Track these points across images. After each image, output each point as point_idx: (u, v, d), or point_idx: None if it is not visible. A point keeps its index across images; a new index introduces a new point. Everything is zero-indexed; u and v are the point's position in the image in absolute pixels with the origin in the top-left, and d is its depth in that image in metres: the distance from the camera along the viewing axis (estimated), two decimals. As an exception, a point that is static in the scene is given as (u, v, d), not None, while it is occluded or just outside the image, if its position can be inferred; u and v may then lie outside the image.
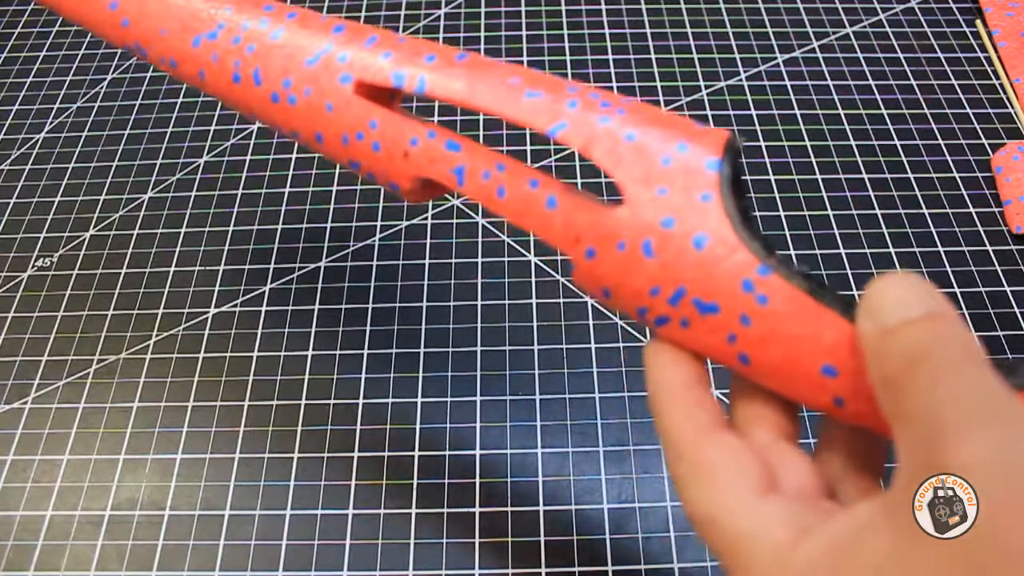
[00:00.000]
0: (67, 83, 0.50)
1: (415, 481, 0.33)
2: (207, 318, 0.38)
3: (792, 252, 0.39)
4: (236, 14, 0.22)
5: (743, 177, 0.17)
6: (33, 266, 0.41)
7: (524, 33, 0.51)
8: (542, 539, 0.31)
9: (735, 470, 0.15)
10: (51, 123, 0.48)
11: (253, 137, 0.46)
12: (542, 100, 0.18)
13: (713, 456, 0.16)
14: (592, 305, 0.38)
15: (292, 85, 0.21)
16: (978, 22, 0.50)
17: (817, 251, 0.39)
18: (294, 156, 0.45)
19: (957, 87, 0.46)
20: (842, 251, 0.39)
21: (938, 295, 0.14)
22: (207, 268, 0.40)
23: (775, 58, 0.48)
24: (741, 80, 0.47)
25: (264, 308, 0.39)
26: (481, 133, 0.45)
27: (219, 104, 0.47)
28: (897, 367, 0.14)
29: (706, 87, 0.47)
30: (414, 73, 0.19)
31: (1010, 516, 0.11)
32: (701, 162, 0.16)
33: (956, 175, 0.42)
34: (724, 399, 0.34)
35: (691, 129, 0.17)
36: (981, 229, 0.40)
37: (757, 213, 0.41)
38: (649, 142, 0.17)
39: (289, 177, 0.44)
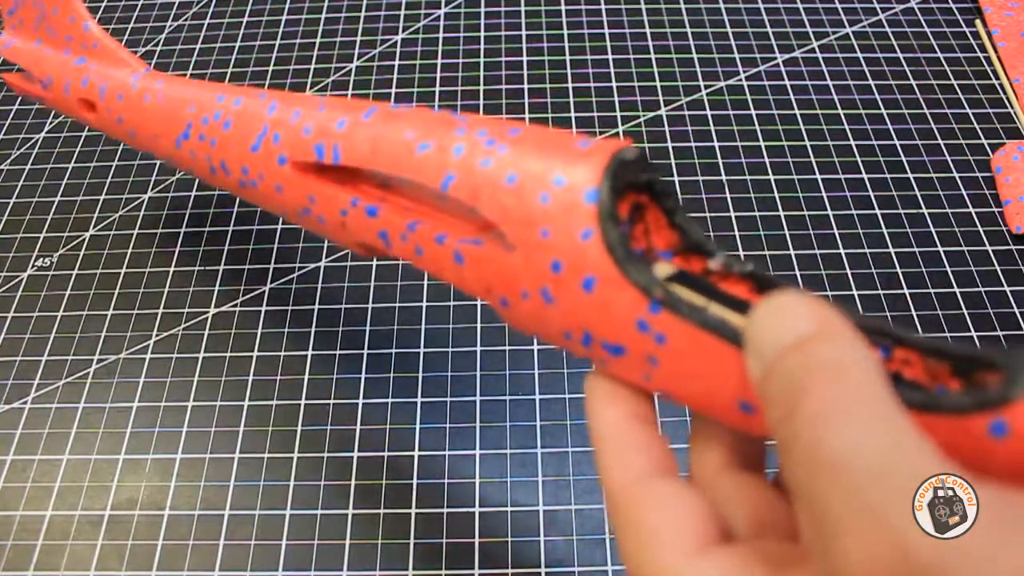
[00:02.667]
0: (67, 83, 0.50)
1: (415, 481, 0.33)
2: (207, 318, 0.38)
3: (792, 252, 0.39)
4: (198, 111, 0.24)
5: (644, 182, 0.16)
6: (33, 266, 0.41)
7: (524, 33, 0.51)
8: (541, 539, 0.31)
9: (668, 526, 0.14)
10: (51, 123, 0.48)
11: (253, 137, 0.46)
12: (431, 152, 0.17)
13: (644, 509, 0.14)
14: (592, 305, 0.38)
15: (249, 172, 0.22)
16: (978, 22, 0.50)
17: (817, 251, 0.39)
18: (294, 156, 0.45)
19: (957, 87, 0.46)
20: (842, 251, 0.39)
21: (820, 307, 0.12)
22: (207, 268, 0.40)
23: (775, 58, 0.48)
24: (741, 80, 0.47)
25: (264, 308, 0.39)
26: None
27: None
28: (776, 418, 0.11)
29: (706, 87, 0.47)
30: (328, 143, 0.19)
31: None
32: (579, 195, 0.15)
33: (956, 175, 0.42)
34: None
35: (573, 154, 0.15)
36: (981, 229, 0.40)
37: (756, 213, 0.41)
38: (527, 180, 0.16)
39: (289, 177, 0.44)
